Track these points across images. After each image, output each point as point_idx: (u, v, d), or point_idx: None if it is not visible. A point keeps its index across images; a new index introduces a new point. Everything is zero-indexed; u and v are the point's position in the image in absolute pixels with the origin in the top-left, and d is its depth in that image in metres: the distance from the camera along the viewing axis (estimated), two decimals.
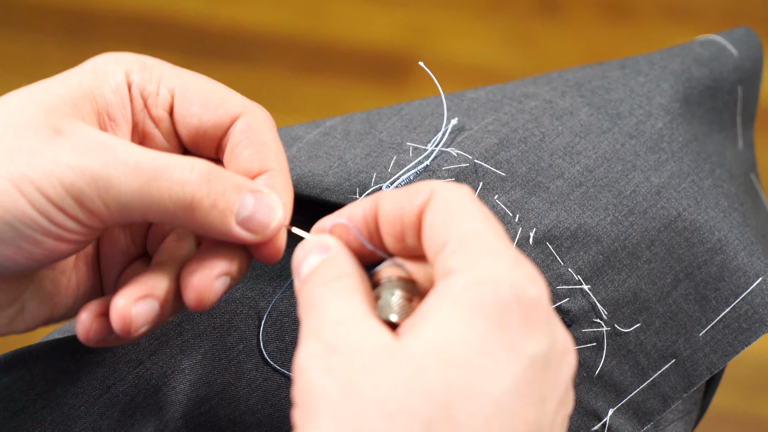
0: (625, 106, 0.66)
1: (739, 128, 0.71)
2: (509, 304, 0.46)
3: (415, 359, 0.45)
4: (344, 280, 0.50)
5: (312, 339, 0.47)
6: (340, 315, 0.48)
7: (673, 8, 1.88)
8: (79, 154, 0.53)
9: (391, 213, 0.51)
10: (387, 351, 0.46)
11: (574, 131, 0.64)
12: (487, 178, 0.62)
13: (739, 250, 0.62)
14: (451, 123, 0.64)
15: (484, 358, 0.45)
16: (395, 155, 0.63)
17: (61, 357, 0.61)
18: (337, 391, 0.46)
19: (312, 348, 0.47)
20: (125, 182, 0.53)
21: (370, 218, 0.52)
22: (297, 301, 0.50)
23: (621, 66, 0.69)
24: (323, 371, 0.46)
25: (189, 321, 0.62)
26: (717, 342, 0.62)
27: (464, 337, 0.45)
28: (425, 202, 0.50)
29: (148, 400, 0.59)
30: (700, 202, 0.63)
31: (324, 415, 0.45)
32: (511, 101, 0.66)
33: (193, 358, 0.60)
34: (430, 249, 0.49)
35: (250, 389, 0.60)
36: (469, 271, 0.47)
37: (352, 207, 0.52)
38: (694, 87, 0.68)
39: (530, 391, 0.46)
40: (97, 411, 0.60)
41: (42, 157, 0.53)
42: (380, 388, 0.45)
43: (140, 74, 0.57)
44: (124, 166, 0.53)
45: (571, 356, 0.48)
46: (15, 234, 0.53)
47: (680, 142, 0.65)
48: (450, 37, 1.85)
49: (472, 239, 0.48)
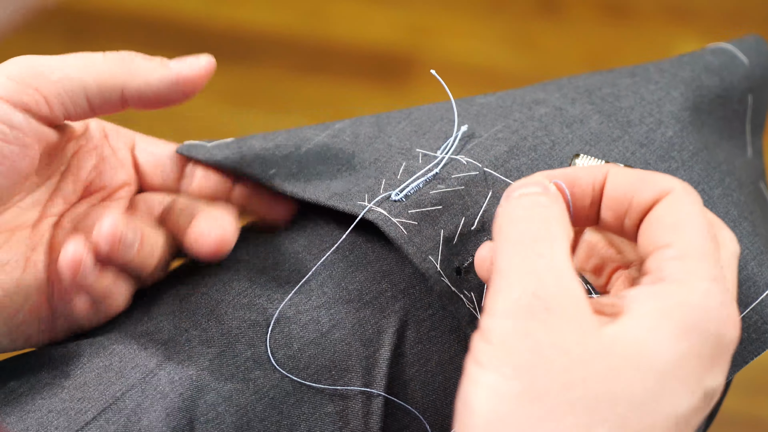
0: (636, 114, 0.65)
1: (748, 136, 0.71)
2: (709, 339, 0.46)
3: (609, 360, 0.45)
4: (560, 221, 0.48)
5: (516, 287, 0.46)
6: (555, 264, 0.46)
7: (673, 8, 1.88)
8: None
9: (623, 190, 0.50)
10: (586, 340, 0.45)
11: (585, 139, 0.64)
12: (496, 187, 0.62)
13: (748, 260, 0.62)
14: (461, 130, 0.64)
15: (677, 381, 0.45)
16: (404, 161, 0.63)
17: (67, 362, 0.61)
18: (528, 357, 0.45)
19: (521, 298, 0.46)
20: (69, 57, 0.58)
21: (597, 187, 0.51)
22: (496, 217, 0.49)
23: (631, 74, 0.69)
24: (520, 332, 0.45)
25: (196, 327, 0.62)
26: None
27: (666, 357, 0.45)
28: (663, 193, 0.50)
29: (155, 406, 0.59)
30: (709, 211, 0.63)
31: (516, 371, 0.45)
32: (521, 107, 0.65)
33: (201, 365, 0.60)
34: (649, 240, 0.49)
35: (258, 396, 0.60)
36: (688, 289, 0.46)
37: (580, 170, 0.52)
38: (705, 95, 0.68)
39: (695, 423, 0.46)
40: (104, 417, 0.59)
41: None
42: (571, 373, 0.45)
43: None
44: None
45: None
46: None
47: (690, 150, 0.65)
48: (450, 37, 1.85)
49: (698, 256, 0.47)
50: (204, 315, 0.62)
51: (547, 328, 0.45)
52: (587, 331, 0.45)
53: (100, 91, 0.59)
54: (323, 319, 0.61)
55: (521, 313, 0.46)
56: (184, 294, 0.64)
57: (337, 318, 0.61)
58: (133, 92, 0.59)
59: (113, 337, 0.62)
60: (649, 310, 0.46)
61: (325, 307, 0.62)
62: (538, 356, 0.45)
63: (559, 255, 0.47)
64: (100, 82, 0.59)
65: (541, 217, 0.48)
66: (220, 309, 0.62)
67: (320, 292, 0.62)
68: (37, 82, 0.57)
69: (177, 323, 0.62)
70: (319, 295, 0.62)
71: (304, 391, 0.60)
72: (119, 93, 0.59)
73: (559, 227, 0.48)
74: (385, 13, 1.87)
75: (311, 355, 0.61)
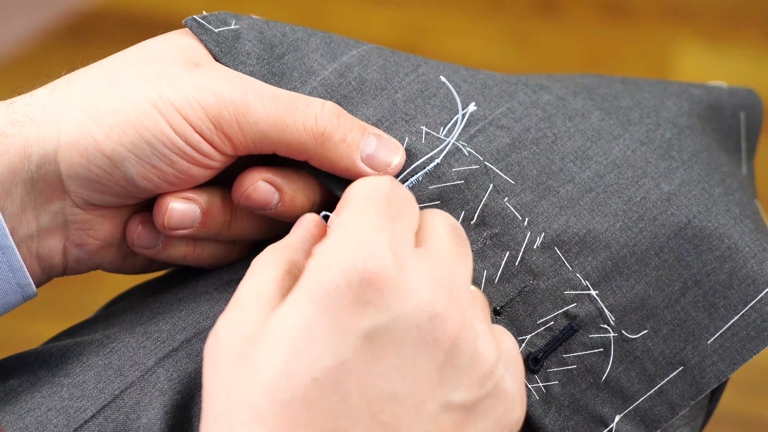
0: (635, 114, 0.65)
1: (743, 154, 0.71)
2: (337, 287, 0.48)
3: (260, 346, 0.49)
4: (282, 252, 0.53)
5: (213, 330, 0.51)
6: (239, 295, 0.52)
7: (673, 8, 1.88)
8: (220, 81, 0.58)
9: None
10: (257, 323, 0.50)
11: (586, 135, 0.64)
12: (497, 180, 0.62)
13: (749, 258, 0.62)
14: (468, 109, 0.63)
15: (307, 342, 0.48)
16: (407, 136, 0.62)
17: (67, 360, 0.61)
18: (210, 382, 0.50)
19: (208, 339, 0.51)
20: (263, 109, 0.58)
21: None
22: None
23: (622, 81, 0.69)
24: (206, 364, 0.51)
25: (195, 326, 0.62)
26: (725, 350, 0.62)
27: (292, 324, 0.48)
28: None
29: (154, 403, 0.59)
30: (710, 209, 0.63)
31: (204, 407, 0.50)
32: (525, 88, 0.65)
33: (199, 362, 0.60)
34: None
35: None
36: (313, 258, 0.50)
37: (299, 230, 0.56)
38: (697, 104, 0.68)
39: (371, 366, 0.48)
40: (103, 415, 0.59)
41: (183, 82, 0.57)
42: (235, 380, 0.49)
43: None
44: (262, 95, 0.58)
45: (443, 321, 0.50)
46: (152, 152, 0.57)
47: (689, 151, 0.65)
48: (450, 37, 1.85)
49: (335, 228, 0.51)
50: (203, 313, 0.62)
51: (233, 321, 0.50)
52: (258, 318, 0.50)
53: (286, 151, 0.59)
54: None
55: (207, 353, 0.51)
56: (184, 294, 0.64)
57: None
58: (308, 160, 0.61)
59: (112, 335, 0.62)
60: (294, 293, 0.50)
61: None
62: (220, 350, 0.50)
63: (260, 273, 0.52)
64: (290, 148, 0.59)
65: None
66: (219, 307, 0.62)
67: None
68: (231, 130, 0.58)
69: (175, 322, 0.62)
70: None
71: None
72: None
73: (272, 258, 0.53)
74: (385, 13, 1.87)
75: None
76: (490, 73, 0.66)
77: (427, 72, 0.64)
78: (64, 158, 0.57)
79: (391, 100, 0.63)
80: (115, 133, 0.57)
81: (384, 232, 0.50)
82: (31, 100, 0.58)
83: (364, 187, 0.53)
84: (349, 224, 0.51)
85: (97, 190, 0.59)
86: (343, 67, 0.63)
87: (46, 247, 0.60)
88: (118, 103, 0.57)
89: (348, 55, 0.64)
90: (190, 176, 0.59)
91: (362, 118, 0.62)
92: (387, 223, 0.51)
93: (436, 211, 0.55)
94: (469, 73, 0.65)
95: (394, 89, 0.63)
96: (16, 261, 0.58)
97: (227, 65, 0.61)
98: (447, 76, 0.64)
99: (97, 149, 0.57)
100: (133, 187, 0.58)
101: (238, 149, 0.59)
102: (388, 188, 0.53)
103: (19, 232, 0.59)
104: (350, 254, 0.49)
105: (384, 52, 0.65)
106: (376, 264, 0.49)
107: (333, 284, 0.48)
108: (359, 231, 0.50)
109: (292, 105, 0.58)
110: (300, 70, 0.63)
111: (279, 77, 0.62)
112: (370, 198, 0.52)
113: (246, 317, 0.50)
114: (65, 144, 0.57)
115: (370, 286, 0.48)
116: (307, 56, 0.63)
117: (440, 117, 0.63)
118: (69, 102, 0.58)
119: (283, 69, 0.62)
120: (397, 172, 0.60)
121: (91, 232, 0.61)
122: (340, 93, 0.62)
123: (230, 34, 0.62)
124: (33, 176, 0.58)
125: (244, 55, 0.62)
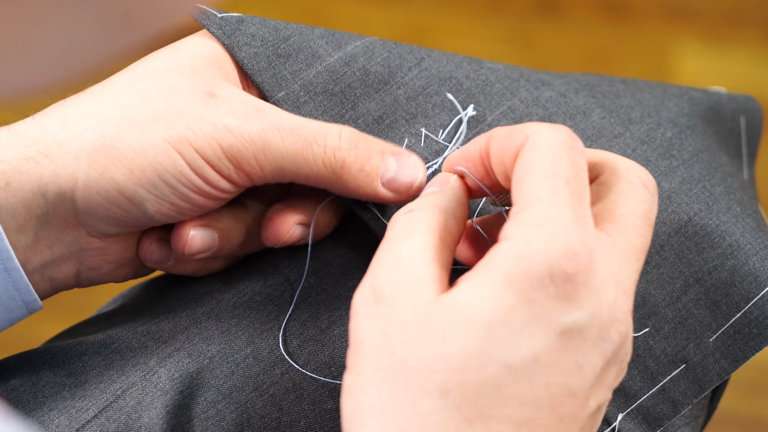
0: (636, 113, 0.65)
1: (744, 158, 0.71)
2: (541, 280, 0.47)
3: (444, 323, 0.48)
4: (430, 212, 0.52)
5: (368, 281, 0.50)
6: (400, 257, 0.50)
7: (673, 8, 1.88)
8: (239, 117, 0.57)
9: (497, 154, 0.53)
10: (423, 311, 0.48)
11: (587, 134, 0.64)
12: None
13: (750, 255, 0.62)
14: (467, 113, 0.63)
15: (507, 330, 0.47)
16: (406, 137, 0.62)
17: (68, 360, 0.61)
18: (376, 341, 0.48)
19: (365, 293, 0.50)
20: (282, 146, 0.57)
21: (484, 154, 0.54)
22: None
23: (623, 81, 0.69)
24: (369, 318, 0.49)
25: (196, 325, 0.62)
26: (728, 347, 0.62)
27: (492, 309, 0.47)
28: (520, 147, 0.51)
29: (155, 403, 0.59)
30: (711, 207, 0.63)
31: (365, 363, 0.48)
32: (527, 84, 0.65)
33: (200, 362, 0.60)
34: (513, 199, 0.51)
35: (258, 393, 0.60)
36: (513, 242, 0.48)
37: (471, 143, 0.54)
38: (697, 105, 0.68)
39: (560, 360, 0.48)
40: (105, 415, 0.59)
41: (201, 120, 0.56)
42: (408, 346, 0.48)
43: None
44: (281, 130, 0.57)
45: (620, 324, 0.49)
46: (171, 191, 0.57)
47: (690, 151, 0.65)
48: (450, 37, 1.85)
49: (531, 205, 0.49)
50: (204, 313, 0.62)
51: (385, 314, 0.49)
52: (423, 304, 0.49)
53: (305, 182, 0.59)
54: (322, 316, 0.62)
55: (364, 309, 0.49)
56: (185, 294, 0.64)
57: (336, 315, 0.62)
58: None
59: (114, 335, 0.62)
60: (479, 274, 0.48)
61: (324, 304, 0.62)
62: (382, 340, 0.48)
63: (405, 248, 0.50)
64: (309, 180, 0.59)
65: (406, 221, 0.52)
66: (220, 307, 0.62)
67: (319, 289, 0.62)
68: (249, 167, 0.57)
69: (177, 322, 0.62)
70: (318, 292, 0.62)
71: (304, 387, 0.60)
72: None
73: (423, 225, 0.51)
74: (385, 13, 1.87)
75: (310, 352, 0.61)
76: (493, 67, 0.66)
77: (430, 67, 0.64)
78: (82, 198, 0.57)
79: (393, 97, 0.63)
80: (135, 176, 0.56)
81: (577, 219, 0.49)
82: (42, 132, 0.57)
83: (546, 154, 0.50)
84: (540, 204, 0.49)
85: (112, 224, 0.58)
86: (348, 56, 0.63)
87: (60, 272, 0.60)
88: (137, 144, 0.56)
89: (353, 45, 0.63)
90: (205, 208, 0.59)
91: (364, 112, 0.62)
92: (577, 203, 0.49)
93: (636, 182, 0.53)
94: (472, 68, 0.65)
95: (396, 85, 0.63)
96: (22, 282, 0.57)
97: (230, 48, 0.61)
98: (450, 71, 0.64)
99: (117, 191, 0.57)
100: (148, 220, 0.58)
101: (255, 182, 0.58)
102: (568, 156, 0.50)
103: (33, 262, 0.58)
104: (553, 247, 0.48)
105: (387, 44, 0.64)
106: (578, 261, 0.48)
107: (538, 277, 0.48)
108: (554, 215, 0.49)
109: (311, 139, 0.57)
110: (306, 53, 0.62)
111: (284, 59, 0.62)
112: (556, 170, 0.50)
113: (412, 282, 0.49)
114: (84, 184, 0.56)
115: (570, 282, 0.48)
116: (312, 41, 0.63)
117: (440, 118, 0.63)
118: (85, 139, 0.57)
119: (288, 50, 0.62)
120: (420, 190, 0.59)
121: (105, 257, 0.61)
122: (344, 82, 0.62)
123: (233, 18, 0.62)
124: (48, 212, 0.57)
125: (248, 37, 0.61)
